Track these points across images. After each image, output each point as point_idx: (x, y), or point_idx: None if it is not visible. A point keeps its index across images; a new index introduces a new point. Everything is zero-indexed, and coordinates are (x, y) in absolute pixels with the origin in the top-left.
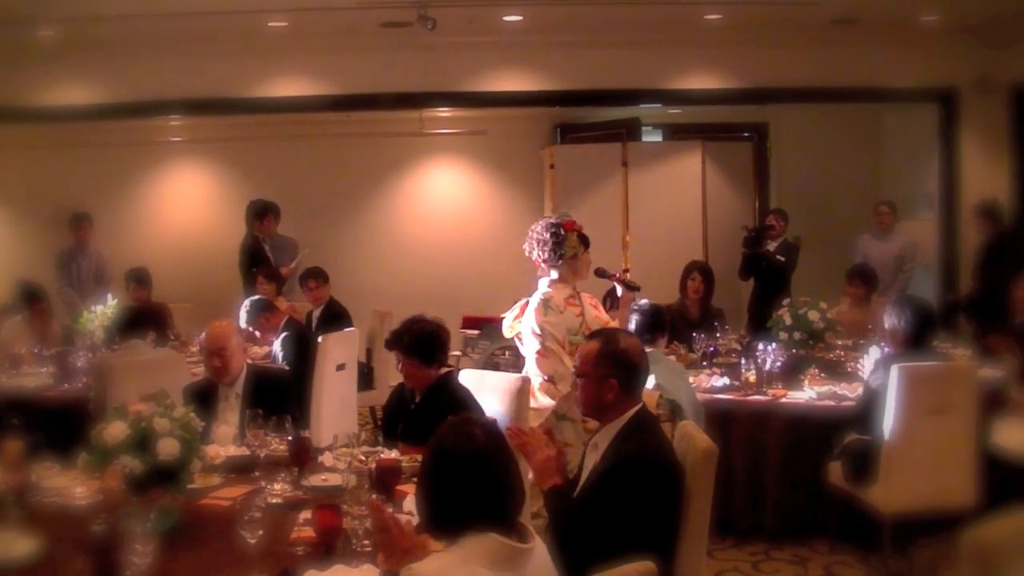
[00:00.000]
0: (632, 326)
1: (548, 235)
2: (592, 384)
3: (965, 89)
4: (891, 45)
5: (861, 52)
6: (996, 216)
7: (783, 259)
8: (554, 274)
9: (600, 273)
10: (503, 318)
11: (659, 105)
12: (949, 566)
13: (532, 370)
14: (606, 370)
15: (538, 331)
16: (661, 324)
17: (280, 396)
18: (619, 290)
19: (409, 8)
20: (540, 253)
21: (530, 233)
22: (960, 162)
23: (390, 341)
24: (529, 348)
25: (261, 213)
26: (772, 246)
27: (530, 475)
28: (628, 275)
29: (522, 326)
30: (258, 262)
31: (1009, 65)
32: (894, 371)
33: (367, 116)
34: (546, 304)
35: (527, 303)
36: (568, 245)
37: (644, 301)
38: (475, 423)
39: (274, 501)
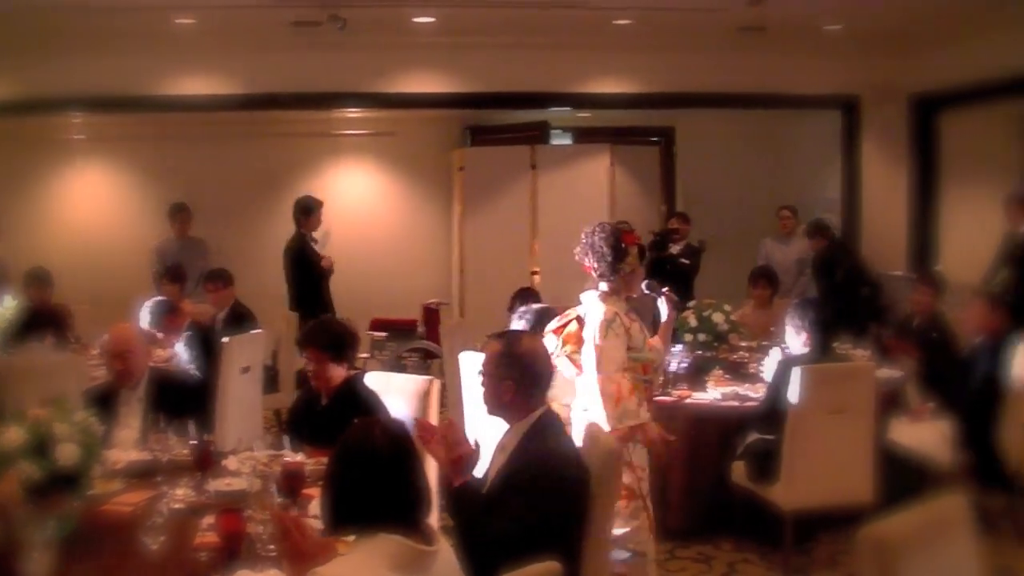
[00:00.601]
0: (522, 328)
1: (608, 248)
2: (491, 384)
3: (867, 97)
4: (796, 53)
5: (767, 59)
6: (825, 231)
7: (687, 262)
8: (604, 286)
9: (650, 288)
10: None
11: (568, 109)
12: (849, 561)
13: (589, 391)
14: (504, 371)
15: (597, 355)
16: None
17: (183, 399)
18: (664, 310)
19: (319, 8)
20: (596, 264)
21: (585, 239)
22: (861, 168)
23: (303, 339)
24: (588, 369)
25: (307, 210)
26: (676, 249)
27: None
28: (537, 278)
29: (582, 350)
30: (306, 262)
31: (908, 74)
32: (795, 372)
33: (276, 116)
34: (609, 325)
35: (570, 318)
36: (628, 260)
37: (538, 304)
38: (380, 426)
39: (177, 507)
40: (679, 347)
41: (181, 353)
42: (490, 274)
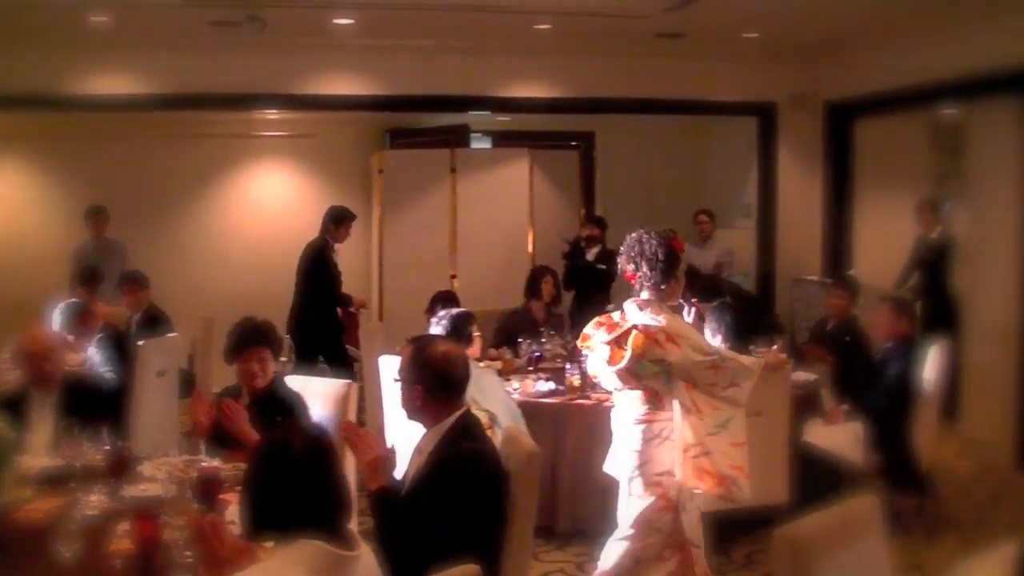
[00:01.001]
0: (440, 333)
1: (663, 254)
2: (405, 388)
3: (783, 104)
4: (714, 60)
5: (686, 65)
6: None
7: (603, 267)
8: (646, 295)
9: (684, 298)
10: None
11: (488, 112)
12: (765, 562)
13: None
14: (416, 375)
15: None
16: (468, 332)
17: (97, 404)
18: (689, 320)
19: (237, 8)
20: (646, 271)
21: (634, 245)
22: (777, 173)
23: (251, 338)
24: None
25: (339, 219)
26: (591, 255)
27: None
28: (456, 282)
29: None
30: (321, 272)
31: (824, 82)
32: None
33: (194, 117)
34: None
35: (624, 327)
36: (681, 268)
37: (457, 309)
38: (299, 430)
39: (91, 513)
40: None
41: (94, 356)
42: (409, 277)
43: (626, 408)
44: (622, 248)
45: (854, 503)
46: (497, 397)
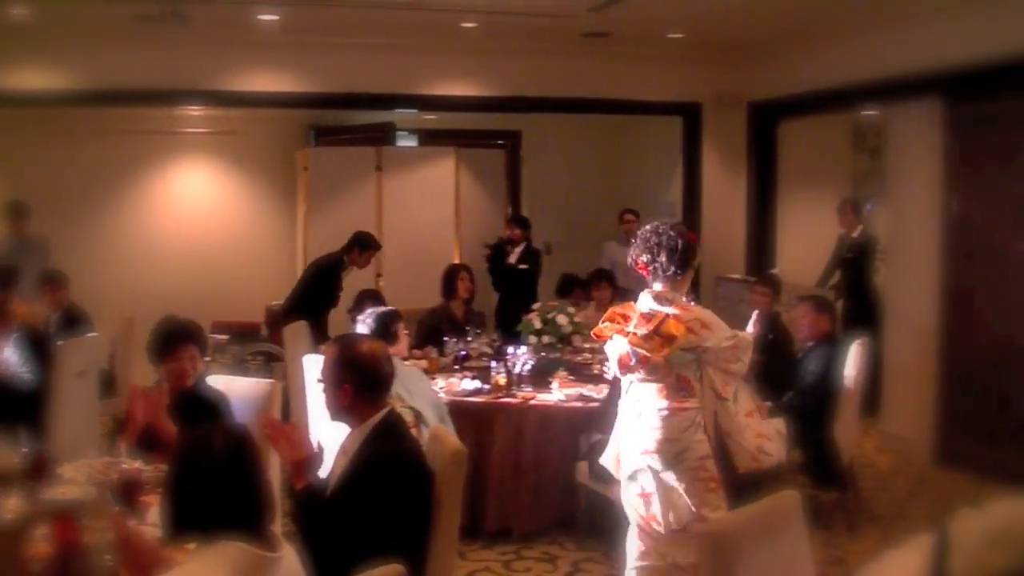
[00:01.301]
0: (365, 332)
1: (681, 244)
2: (330, 388)
3: (708, 104)
4: (640, 59)
5: (612, 65)
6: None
7: (526, 266)
8: (659, 286)
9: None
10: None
11: (414, 111)
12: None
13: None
14: (342, 375)
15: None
16: (394, 330)
17: (14, 405)
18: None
19: (161, 3)
20: (664, 261)
21: (650, 236)
22: (702, 173)
23: (180, 336)
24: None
25: (365, 245)
26: (514, 257)
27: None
28: (381, 280)
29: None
30: (325, 286)
31: (748, 83)
32: None
33: (116, 113)
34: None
35: (659, 317)
36: (696, 260)
37: (382, 308)
38: (220, 431)
39: (8, 517)
40: (523, 349)
41: (11, 357)
42: None
43: (647, 402)
44: (636, 239)
45: (776, 499)
46: (423, 396)
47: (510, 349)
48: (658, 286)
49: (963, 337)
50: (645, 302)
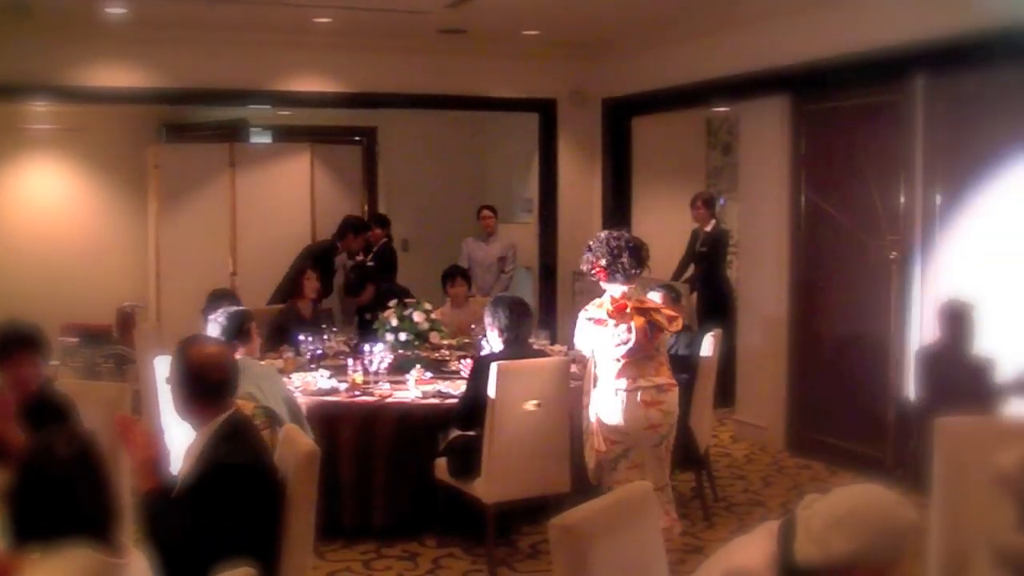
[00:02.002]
0: (217, 332)
1: (639, 244)
2: (172, 391)
3: (563, 100)
4: (496, 56)
5: (468, 61)
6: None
7: (372, 264)
8: (620, 287)
9: None
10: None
11: (268, 106)
12: (549, 550)
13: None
14: (179, 377)
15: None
16: (247, 330)
17: None
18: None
19: None
20: (626, 262)
21: (606, 241)
22: (557, 169)
23: (19, 341)
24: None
25: (357, 228)
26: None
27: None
28: (236, 279)
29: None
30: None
31: (602, 80)
32: (492, 368)
33: None
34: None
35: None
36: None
37: (235, 307)
38: (63, 436)
39: None
40: (380, 346)
41: None
42: (188, 276)
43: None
44: (592, 246)
45: (626, 489)
46: (277, 395)
47: (366, 347)
48: (619, 287)
49: (811, 328)
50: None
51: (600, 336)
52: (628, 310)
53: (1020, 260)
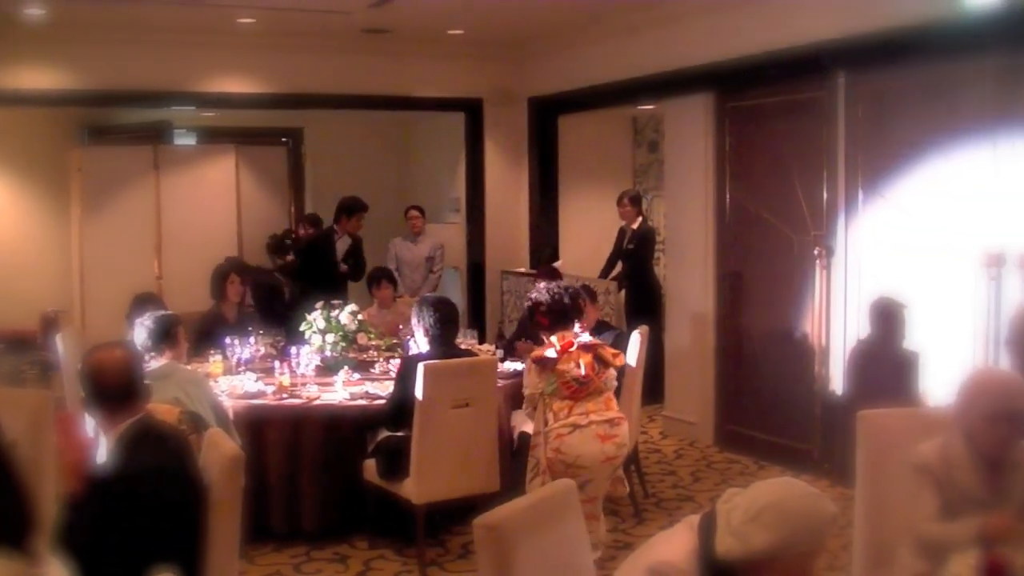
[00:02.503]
0: (143, 336)
1: (574, 293)
2: (85, 402)
3: (488, 99)
4: (421, 56)
5: (393, 61)
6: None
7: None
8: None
9: None
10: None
11: (192, 108)
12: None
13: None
14: (86, 391)
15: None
16: (173, 334)
17: None
18: None
19: None
20: (565, 313)
21: (549, 293)
22: (484, 168)
23: None
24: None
25: (351, 209)
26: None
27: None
28: (162, 283)
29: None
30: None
31: (527, 79)
32: (419, 368)
33: None
34: None
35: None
36: None
37: (160, 312)
38: None
39: None
40: (307, 348)
41: None
42: (112, 280)
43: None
44: (536, 300)
45: (551, 488)
46: (204, 400)
47: (293, 349)
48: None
49: (738, 324)
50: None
51: (550, 377)
52: (574, 348)
53: (939, 254)
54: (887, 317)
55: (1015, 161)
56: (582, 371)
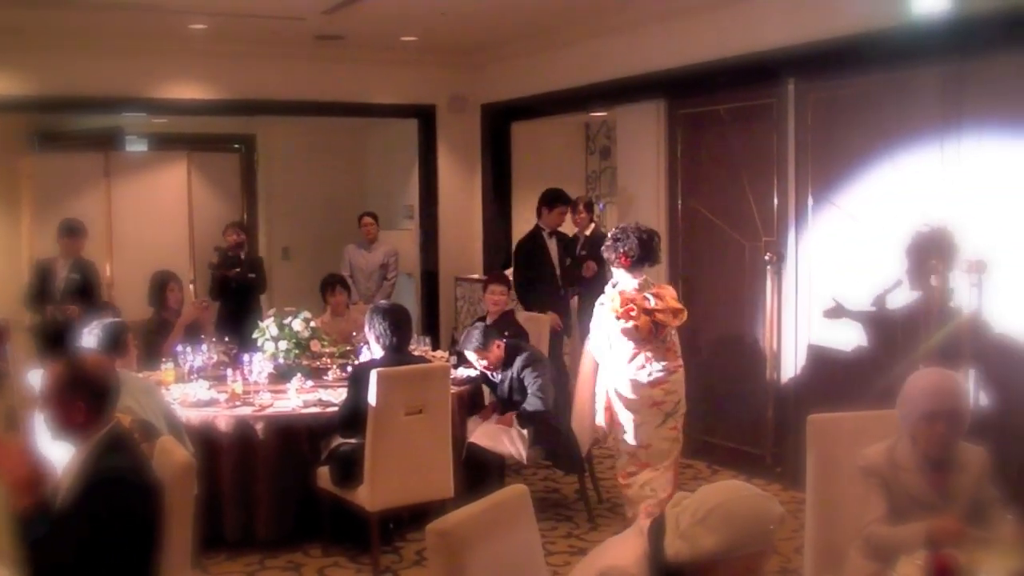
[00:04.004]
0: (93, 344)
1: (653, 235)
2: (60, 407)
3: (442, 106)
4: (375, 62)
5: (346, 68)
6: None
7: (253, 275)
8: (637, 275)
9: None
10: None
11: (143, 114)
12: None
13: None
14: (74, 393)
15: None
16: (124, 342)
17: None
18: None
19: None
20: (648, 253)
21: (634, 231)
22: (438, 175)
23: None
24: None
25: (551, 201)
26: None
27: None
28: (112, 290)
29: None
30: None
31: (480, 86)
32: (372, 375)
33: None
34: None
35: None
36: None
37: (111, 319)
38: None
39: None
40: (260, 356)
41: None
42: None
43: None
44: (614, 238)
45: (504, 493)
46: (156, 408)
47: (246, 357)
48: (633, 278)
49: (691, 329)
50: (630, 285)
51: (615, 326)
52: (634, 313)
53: (887, 259)
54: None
55: (962, 167)
56: (637, 332)
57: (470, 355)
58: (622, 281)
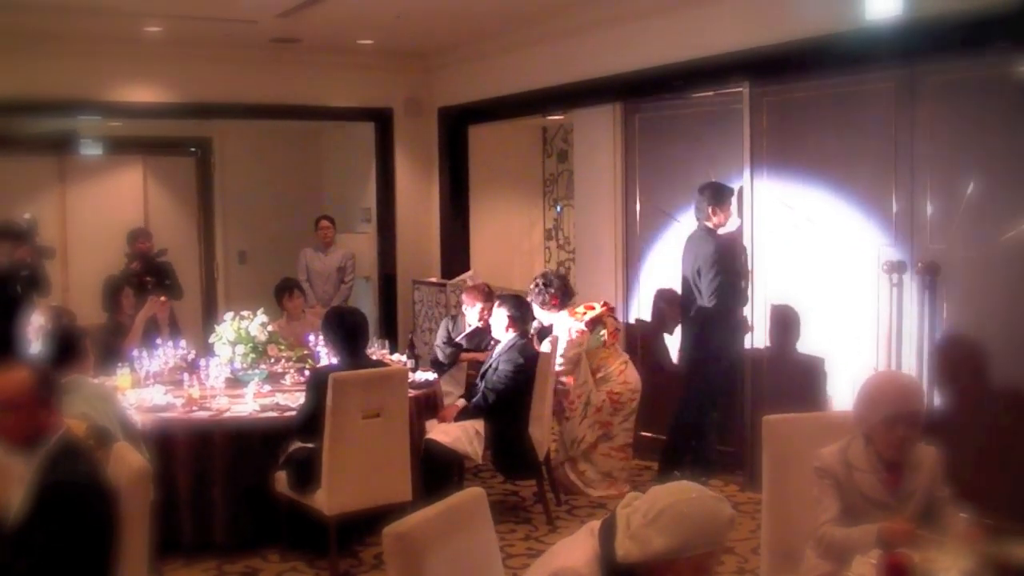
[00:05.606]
0: (50, 349)
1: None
2: (26, 415)
3: (399, 109)
4: (331, 66)
5: (302, 71)
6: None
7: (168, 282)
8: (563, 314)
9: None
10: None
11: (98, 117)
12: None
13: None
14: (43, 399)
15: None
16: (81, 347)
17: None
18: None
19: None
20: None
21: (557, 277)
22: (395, 178)
23: None
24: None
25: (718, 196)
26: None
27: None
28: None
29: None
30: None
31: (437, 89)
32: (329, 379)
33: None
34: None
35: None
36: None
37: (65, 323)
38: None
39: None
40: (216, 360)
41: None
42: None
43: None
44: (544, 283)
45: (460, 496)
46: (111, 414)
47: (203, 361)
48: (563, 311)
49: (646, 330)
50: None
51: (598, 329)
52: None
53: (842, 261)
54: (785, 323)
55: (912, 169)
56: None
57: (472, 312)
58: (557, 320)
